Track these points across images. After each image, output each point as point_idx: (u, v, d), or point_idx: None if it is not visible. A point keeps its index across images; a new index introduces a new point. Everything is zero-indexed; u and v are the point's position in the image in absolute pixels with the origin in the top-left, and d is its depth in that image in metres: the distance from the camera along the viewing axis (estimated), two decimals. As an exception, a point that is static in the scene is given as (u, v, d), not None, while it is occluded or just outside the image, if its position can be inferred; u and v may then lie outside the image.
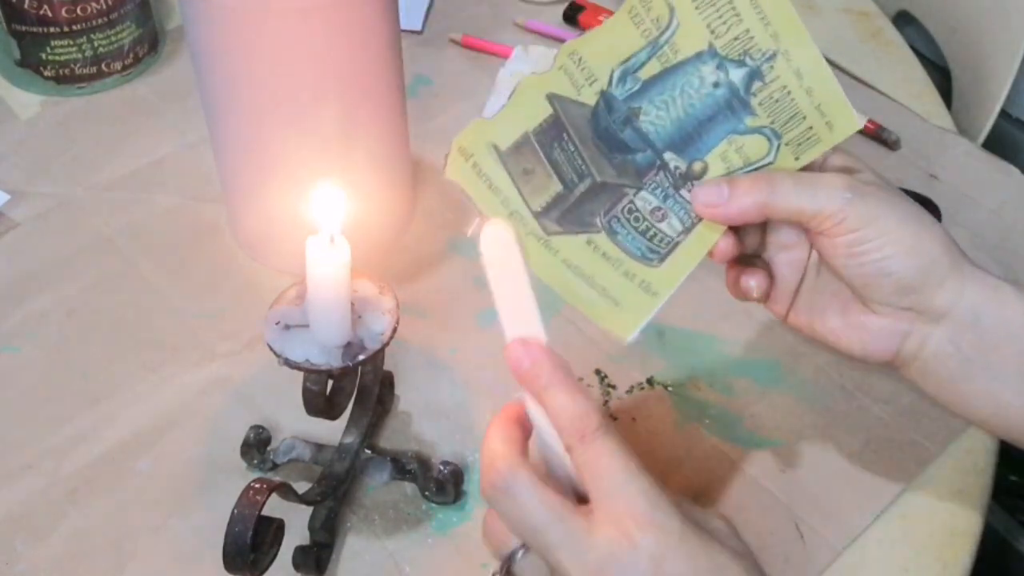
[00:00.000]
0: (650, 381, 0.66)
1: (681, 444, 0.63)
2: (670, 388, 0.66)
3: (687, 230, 0.50)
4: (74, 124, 0.82)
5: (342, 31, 0.60)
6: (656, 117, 0.49)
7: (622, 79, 0.49)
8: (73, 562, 0.57)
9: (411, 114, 0.71)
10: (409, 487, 0.60)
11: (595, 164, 0.50)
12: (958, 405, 0.51)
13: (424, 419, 0.64)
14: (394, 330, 0.52)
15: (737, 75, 0.49)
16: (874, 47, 0.93)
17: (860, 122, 0.49)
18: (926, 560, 0.58)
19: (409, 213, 0.75)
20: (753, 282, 0.52)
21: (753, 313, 0.70)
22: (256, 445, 0.60)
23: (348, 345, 0.51)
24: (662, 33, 0.48)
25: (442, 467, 0.59)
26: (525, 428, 0.47)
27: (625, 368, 0.66)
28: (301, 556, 0.56)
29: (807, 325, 0.53)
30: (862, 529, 0.59)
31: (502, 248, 0.47)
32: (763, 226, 0.52)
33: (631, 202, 0.50)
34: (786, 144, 0.49)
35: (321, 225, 0.49)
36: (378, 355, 0.52)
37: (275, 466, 0.60)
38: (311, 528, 0.57)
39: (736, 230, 0.51)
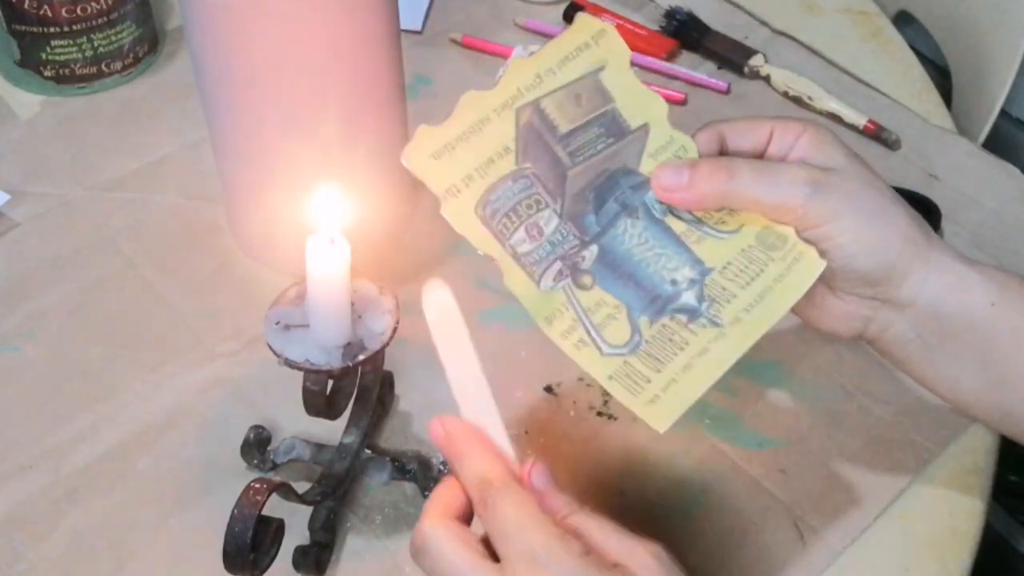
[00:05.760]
0: (650, 381, 0.66)
1: (681, 444, 0.63)
2: (670, 388, 0.66)
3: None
4: (74, 124, 0.82)
5: (342, 31, 0.60)
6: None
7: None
8: (73, 562, 0.57)
9: (411, 114, 0.71)
10: (409, 487, 0.60)
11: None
12: (918, 380, 0.52)
13: (424, 419, 0.64)
14: (394, 330, 0.52)
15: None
16: (874, 47, 0.93)
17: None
18: (926, 560, 0.58)
19: (409, 213, 0.75)
20: None
21: (753, 313, 0.70)
22: (256, 445, 0.60)
23: (348, 345, 0.51)
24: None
25: (442, 467, 0.59)
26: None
27: (625, 368, 0.66)
28: (301, 556, 0.56)
29: None
30: (862, 529, 0.59)
31: (445, 313, 0.46)
32: None
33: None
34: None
35: (321, 225, 0.49)
36: (378, 355, 0.52)
37: (275, 466, 0.60)
38: (311, 528, 0.57)
39: None
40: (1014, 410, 0.50)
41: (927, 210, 0.76)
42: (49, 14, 0.79)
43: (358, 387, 0.57)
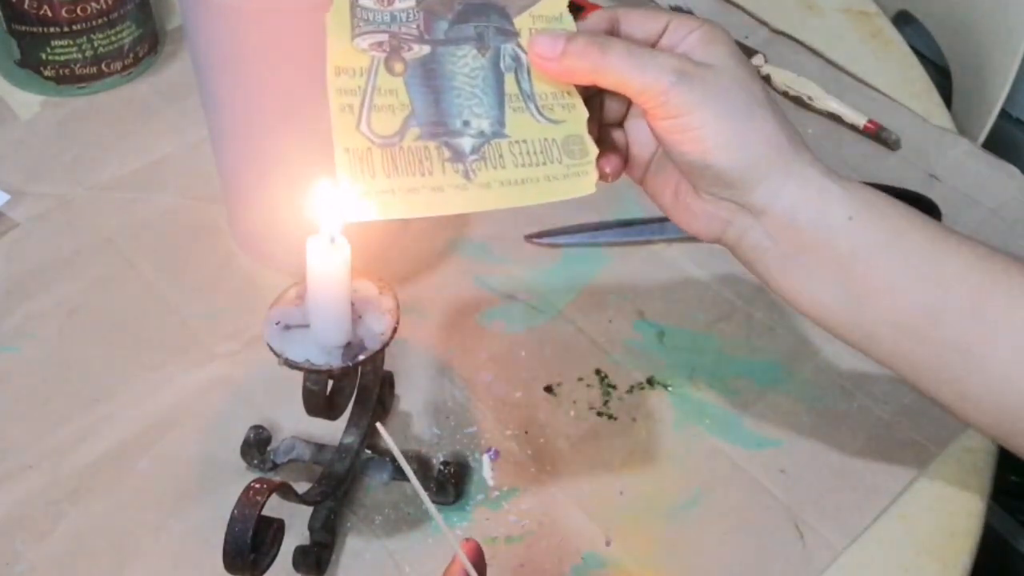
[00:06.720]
0: (650, 381, 0.66)
1: (681, 444, 0.63)
2: (670, 388, 0.66)
3: None
4: (74, 124, 0.82)
5: (342, 31, 0.60)
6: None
7: None
8: (73, 562, 0.57)
9: (411, 114, 0.71)
10: (409, 487, 0.60)
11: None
12: (781, 294, 0.51)
13: (424, 419, 0.64)
14: (394, 330, 0.52)
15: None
16: (874, 47, 0.93)
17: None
18: (926, 560, 0.58)
19: (409, 213, 0.75)
20: (608, 168, 0.51)
21: (753, 313, 0.70)
22: (256, 445, 0.60)
23: (348, 345, 0.51)
24: None
25: (442, 467, 0.59)
26: None
27: (625, 368, 0.66)
28: (301, 556, 0.56)
29: (652, 195, 0.53)
30: (862, 529, 0.59)
31: None
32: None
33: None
34: None
35: (321, 225, 0.49)
36: (378, 355, 0.52)
37: (275, 466, 0.60)
38: (311, 528, 0.57)
39: (602, 97, 0.51)
40: (874, 331, 0.49)
41: (927, 210, 0.76)
42: (49, 14, 0.79)
43: (358, 387, 0.57)
